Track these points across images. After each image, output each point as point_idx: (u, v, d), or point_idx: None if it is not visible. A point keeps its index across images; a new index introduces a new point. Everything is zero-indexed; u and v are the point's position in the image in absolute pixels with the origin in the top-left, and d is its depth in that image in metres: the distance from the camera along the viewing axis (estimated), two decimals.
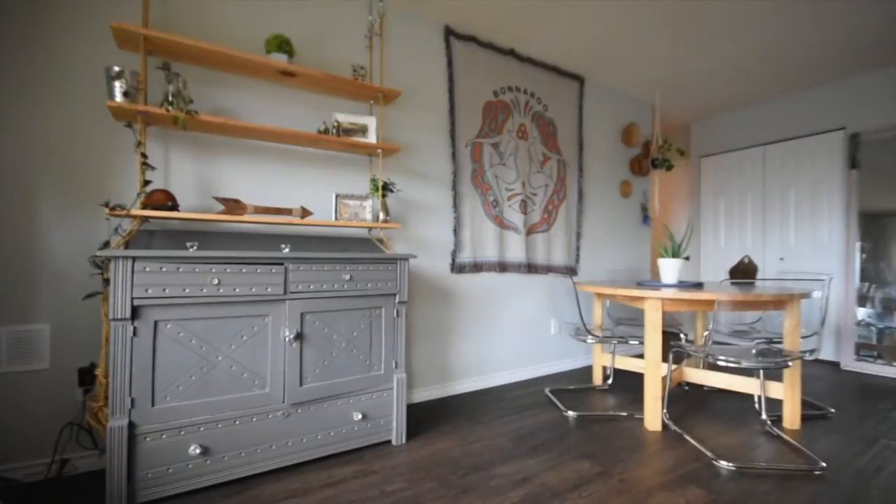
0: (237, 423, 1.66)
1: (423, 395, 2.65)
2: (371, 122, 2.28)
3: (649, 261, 4.05)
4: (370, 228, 2.39)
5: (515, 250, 3.03)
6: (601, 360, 2.98)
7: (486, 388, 2.93)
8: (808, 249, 3.83)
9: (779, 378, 2.34)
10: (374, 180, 2.35)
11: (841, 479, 1.74)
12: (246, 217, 1.90)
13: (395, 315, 2.04)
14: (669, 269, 2.51)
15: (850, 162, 3.55)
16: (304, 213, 2.08)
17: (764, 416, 2.29)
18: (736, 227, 4.34)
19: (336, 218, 2.21)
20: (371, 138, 2.28)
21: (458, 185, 2.76)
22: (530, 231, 3.13)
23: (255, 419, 1.69)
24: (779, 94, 3.95)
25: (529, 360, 3.19)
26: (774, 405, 2.45)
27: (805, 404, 2.55)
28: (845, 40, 2.98)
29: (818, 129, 3.76)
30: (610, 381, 3.00)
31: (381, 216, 2.29)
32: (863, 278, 3.52)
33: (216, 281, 1.60)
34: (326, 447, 1.85)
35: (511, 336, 3.08)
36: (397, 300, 2.03)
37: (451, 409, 2.50)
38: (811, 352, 2.13)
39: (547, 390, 2.84)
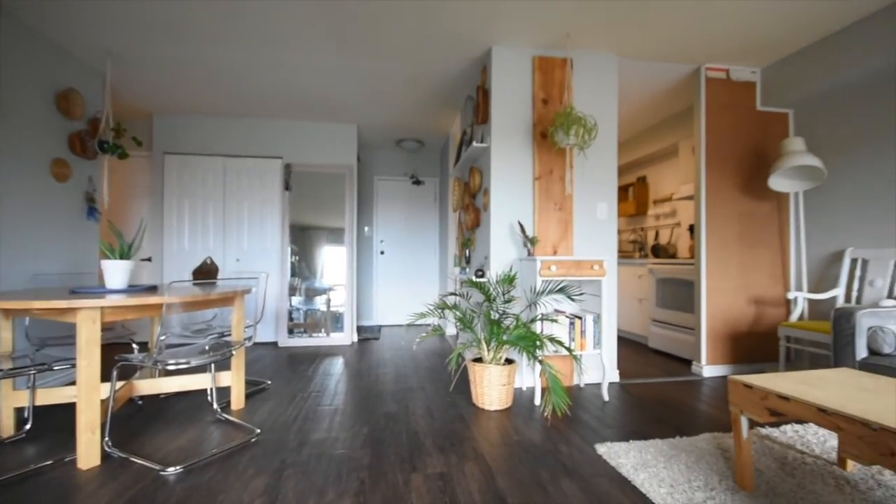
0: None
1: None
2: None
3: (97, 262, 3.37)
4: None
5: None
6: (13, 402, 2.13)
7: None
8: (258, 253, 4.59)
9: (228, 367, 2.58)
10: None
11: (271, 437, 2.13)
12: None
13: None
14: (116, 271, 2.15)
15: (285, 185, 4.57)
16: None
17: (215, 406, 2.44)
18: (200, 230, 4.50)
19: None
20: None
21: None
22: None
23: None
24: (242, 115, 4.47)
25: None
26: (226, 392, 2.69)
27: (249, 384, 2.97)
28: (292, 91, 3.79)
29: (267, 154, 4.59)
30: (28, 427, 2.20)
31: None
32: (293, 274, 4.64)
33: None
34: None
35: None
36: None
37: None
38: (249, 339, 2.50)
39: None
